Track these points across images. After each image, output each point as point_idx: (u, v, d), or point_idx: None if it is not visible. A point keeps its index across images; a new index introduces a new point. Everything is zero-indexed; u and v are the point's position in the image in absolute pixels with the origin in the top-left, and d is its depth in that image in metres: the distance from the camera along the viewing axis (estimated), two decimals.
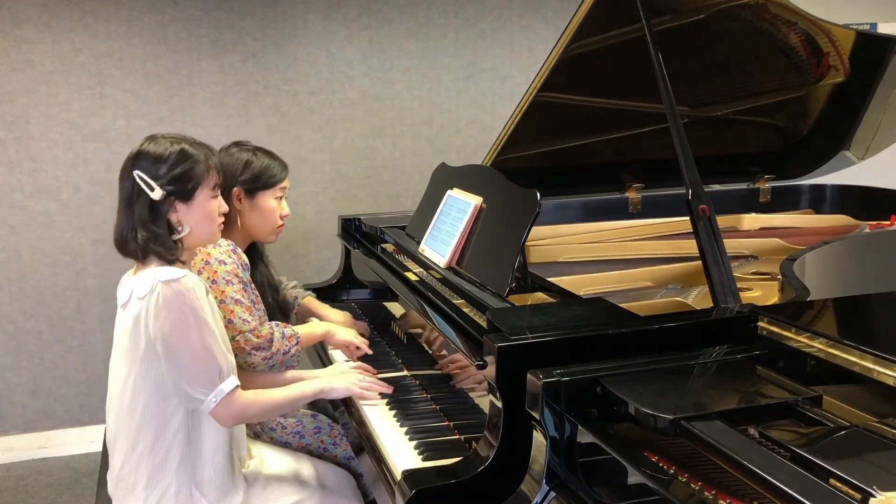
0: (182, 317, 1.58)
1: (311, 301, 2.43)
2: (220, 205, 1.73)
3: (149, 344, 1.60)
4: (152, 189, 1.61)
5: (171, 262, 1.64)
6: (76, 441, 3.49)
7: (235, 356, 1.78)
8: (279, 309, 2.27)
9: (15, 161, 3.29)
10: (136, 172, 1.62)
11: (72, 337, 3.43)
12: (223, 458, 1.73)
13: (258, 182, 2.09)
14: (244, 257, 2.01)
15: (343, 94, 3.61)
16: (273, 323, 2.02)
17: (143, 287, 1.60)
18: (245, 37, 3.46)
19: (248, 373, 1.93)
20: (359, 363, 2.07)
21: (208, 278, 1.90)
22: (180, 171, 1.63)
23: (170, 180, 1.62)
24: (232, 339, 1.88)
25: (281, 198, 2.16)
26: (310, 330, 2.15)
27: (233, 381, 1.65)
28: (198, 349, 1.59)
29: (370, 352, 2.13)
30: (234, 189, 2.06)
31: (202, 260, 1.93)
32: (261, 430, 2.13)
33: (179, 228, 1.66)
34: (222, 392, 1.62)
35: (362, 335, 2.24)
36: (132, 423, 1.66)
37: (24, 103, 3.27)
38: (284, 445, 2.11)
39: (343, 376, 1.93)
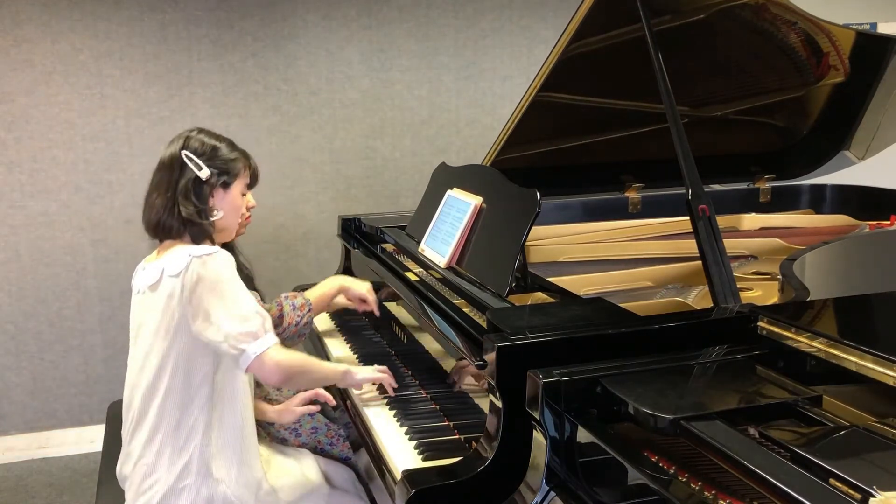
0: (219, 286, 1.64)
1: (314, 293, 2.27)
2: (244, 203, 1.86)
3: (182, 319, 1.65)
4: (200, 168, 1.73)
5: (200, 242, 1.74)
6: (76, 441, 3.49)
7: None
8: (258, 295, 2.28)
9: (15, 161, 3.30)
10: (186, 153, 1.74)
11: (72, 337, 3.44)
12: (242, 437, 1.76)
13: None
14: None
15: (343, 94, 3.61)
16: (283, 296, 2.07)
17: (176, 265, 1.66)
18: (245, 37, 3.46)
19: None
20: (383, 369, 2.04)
21: None
22: (225, 158, 1.79)
23: (215, 164, 1.76)
24: None
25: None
26: (322, 291, 2.19)
27: (272, 336, 1.70)
28: (240, 311, 1.65)
29: (378, 313, 2.19)
30: None
31: None
32: (260, 429, 2.13)
33: (215, 212, 1.77)
34: (263, 345, 1.66)
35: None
36: (156, 403, 1.69)
37: (24, 103, 3.27)
38: (281, 442, 2.12)
39: (361, 369, 1.98)
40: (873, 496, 0.89)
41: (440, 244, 2.08)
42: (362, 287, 2.19)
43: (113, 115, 3.36)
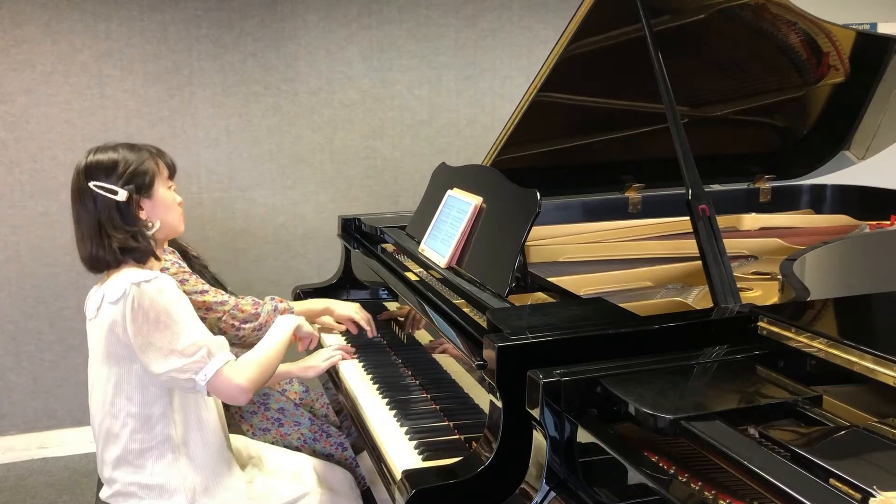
0: (160, 317, 1.58)
1: (300, 306, 2.26)
2: (175, 194, 1.79)
3: (127, 346, 1.60)
4: (115, 193, 1.64)
5: (145, 262, 1.67)
6: (76, 441, 3.49)
7: (226, 335, 1.84)
8: (219, 284, 2.28)
9: (15, 161, 3.29)
10: (93, 184, 1.64)
11: (72, 337, 3.43)
12: (214, 449, 1.75)
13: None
14: (175, 252, 2.05)
15: (343, 94, 3.61)
16: (269, 297, 2.07)
17: (115, 291, 1.59)
18: (245, 37, 3.45)
19: None
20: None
21: None
22: (133, 168, 1.67)
23: (127, 179, 1.66)
24: (219, 320, 1.93)
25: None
26: (308, 307, 2.17)
27: (223, 356, 1.64)
28: (181, 344, 1.60)
29: (374, 332, 2.17)
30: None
31: None
32: (241, 418, 2.14)
33: (150, 225, 1.70)
34: (212, 368, 1.61)
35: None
36: (118, 429, 1.67)
37: (24, 103, 3.27)
38: (263, 431, 2.12)
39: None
40: (873, 496, 0.89)
41: (440, 244, 2.08)
42: (348, 309, 2.15)
43: (113, 115, 3.36)
